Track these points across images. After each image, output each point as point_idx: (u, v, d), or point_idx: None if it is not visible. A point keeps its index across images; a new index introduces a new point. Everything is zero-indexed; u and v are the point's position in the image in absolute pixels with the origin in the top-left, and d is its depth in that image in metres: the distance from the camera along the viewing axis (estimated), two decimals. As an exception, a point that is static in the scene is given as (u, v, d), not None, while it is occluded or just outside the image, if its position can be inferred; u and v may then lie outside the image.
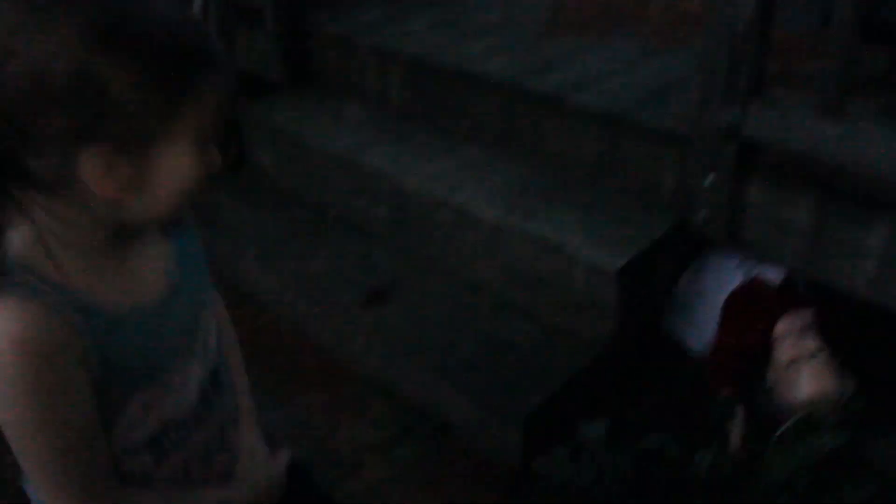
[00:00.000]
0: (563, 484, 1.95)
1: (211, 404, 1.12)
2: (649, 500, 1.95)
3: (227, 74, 0.92)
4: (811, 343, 2.16)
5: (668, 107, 2.37)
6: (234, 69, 0.96)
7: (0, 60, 0.80)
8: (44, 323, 0.88)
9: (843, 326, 2.29)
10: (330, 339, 2.44)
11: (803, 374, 2.13)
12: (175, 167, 0.90)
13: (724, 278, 2.39)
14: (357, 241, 2.64)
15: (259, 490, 1.21)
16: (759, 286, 2.33)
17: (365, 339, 2.32)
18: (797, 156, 2.05)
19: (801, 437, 2.01)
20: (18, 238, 0.91)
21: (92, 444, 0.97)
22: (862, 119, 1.92)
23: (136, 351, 0.98)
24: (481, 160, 2.58)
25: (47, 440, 0.93)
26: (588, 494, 1.94)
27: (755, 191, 2.15)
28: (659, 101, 2.41)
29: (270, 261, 2.60)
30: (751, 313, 2.31)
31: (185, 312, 1.08)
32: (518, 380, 2.09)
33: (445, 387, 2.15)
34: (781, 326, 2.24)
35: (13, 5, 0.81)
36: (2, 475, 2.22)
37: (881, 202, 1.98)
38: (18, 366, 0.88)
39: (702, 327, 2.39)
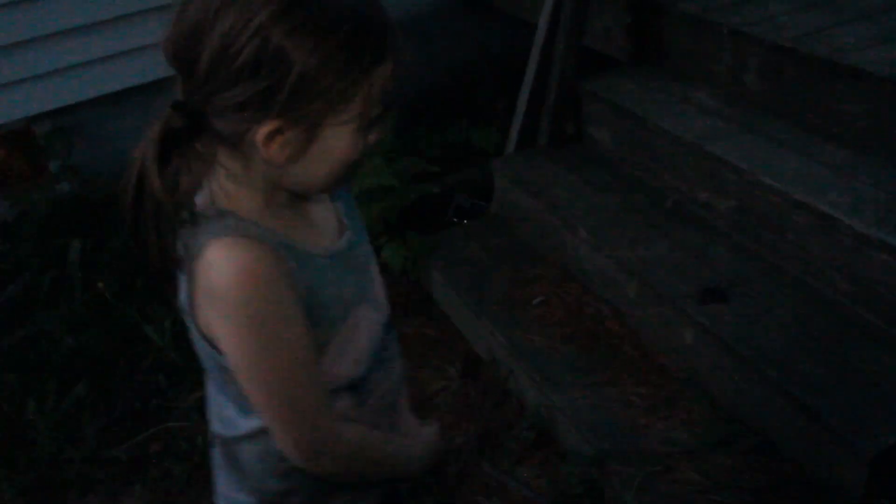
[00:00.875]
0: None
1: (391, 353, 1.19)
2: None
3: (400, 57, 0.96)
4: None
5: None
6: (407, 53, 0.97)
7: (200, 35, 0.88)
8: (264, 255, 0.96)
9: None
10: (655, 331, 2.36)
11: None
12: (339, 143, 0.96)
13: None
14: (696, 234, 2.52)
15: (418, 452, 1.26)
16: None
17: (694, 338, 2.22)
18: None
19: None
20: (215, 188, 0.99)
21: (313, 375, 1.04)
22: None
23: (330, 288, 1.05)
24: (847, 162, 2.35)
25: (276, 367, 1.00)
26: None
27: None
28: None
29: (601, 241, 2.56)
30: None
31: (361, 261, 1.15)
32: (870, 413, 1.89)
33: (781, 403, 1.99)
34: None
35: None
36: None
37: None
38: (249, 295, 0.95)
39: None
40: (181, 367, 2.65)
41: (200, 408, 1.43)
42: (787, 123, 2.57)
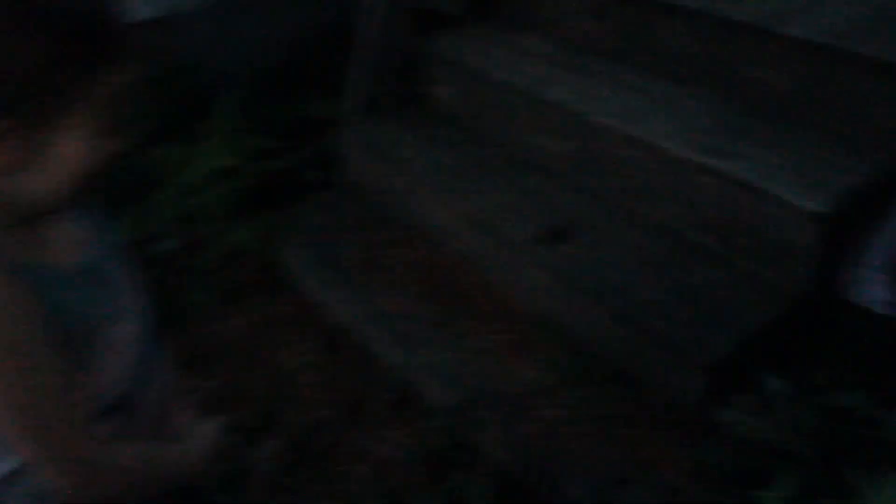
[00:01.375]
0: (745, 435, 1.83)
1: (156, 364, 1.17)
2: (836, 458, 1.80)
3: (132, 64, 0.91)
4: None
5: (883, 37, 2.13)
6: (140, 58, 0.94)
7: None
8: None
9: None
10: (504, 276, 2.39)
11: None
12: (72, 151, 0.90)
13: None
14: (537, 179, 2.55)
15: (196, 452, 1.23)
16: None
17: (540, 278, 2.25)
18: None
19: None
20: None
21: (68, 399, 0.97)
22: None
23: (78, 306, 0.98)
24: (673, 95, 2.43)
25: (25, 397, 0.93)
26: (770, 447, 1.82)
27: None
28: (871, 32, 2.17)
29: (445, 196, 2.56)
30: None
31: (113, 275, 1.10)
32: (703, 327, 1.96)
33: (624, 330, 2.05)
34: None
35: None
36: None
37: None
38: None
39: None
40: None
41: None
42: (617, 63, 2.64)
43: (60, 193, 0.95)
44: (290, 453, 2.22)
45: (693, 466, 1.88)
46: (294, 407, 2.38)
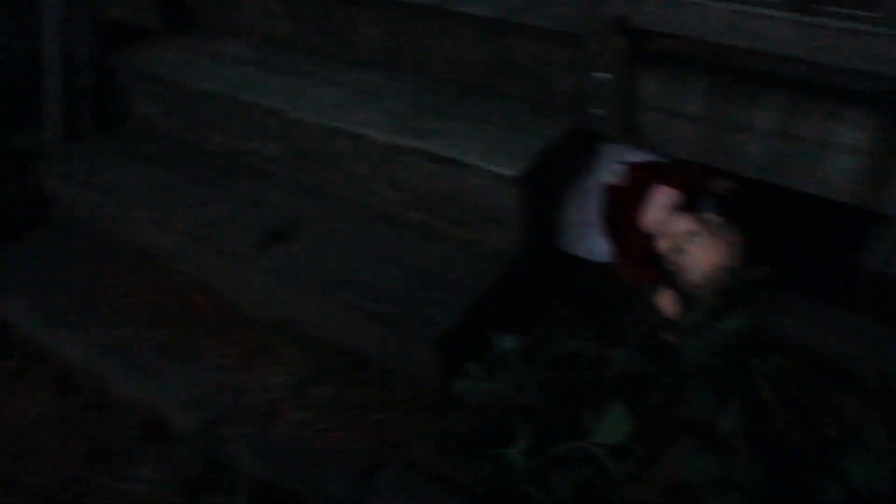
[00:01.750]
0: (482, 399, 1.92)
1: None
2: (569, 403, 1.93)
3: None
4: (687, 223, 2.15)
5: (555, 6, 2.29)
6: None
7: None
8: None
9: (740, 202, 2.30)
10: (233, 287, 2.34)
11: (691, 255, 2.12)
12: None
13: (601, 173, 2.35)
14: (252, 184, 2.52)
15: None
16: (636, 174, 2.30)
17: (267, 283, 2.23)
18: (687, 40, 1.99)
19: (708, 323, 2.01)
20: None
21: None
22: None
23: None
24: (371, 83, 2.48)
25: None
26: (508, 406, 1.91)
27: (648, 82, 2.10)
28: (544, 2, 2.32)
29: (161, 216, 2.46)
30: (631, 204, 2.29)
31: None
32: (429, 302, 2.02)
33: (356, 319, 2.07)
34: (652, 216, 2.23)
35: None
36: None
37: (770, 80, 1.94)
38: None
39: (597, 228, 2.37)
40: None
41: None
42: (314, 57, 2.66)
43: None
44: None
45: (440, 440, 1.94)
46: (33, 465, 2.21)
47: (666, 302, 2.18)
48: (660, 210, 2.23)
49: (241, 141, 2.57)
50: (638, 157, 2.32)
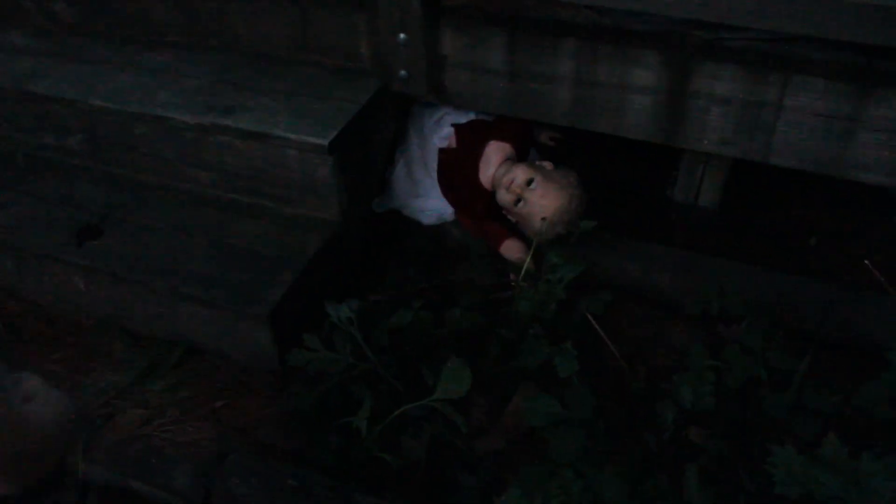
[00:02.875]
0: (320, 370, 1.93)
1: None
2: (410, 364, 1.98)
3: None
4: (522, 173, 2.23)
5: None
6: None
7: None
8: None
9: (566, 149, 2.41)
10: (52, 292, 2.22)
11: (530, 202, 2.21)
12: None
13: (427, 135, 2.40)
14: (56, 180, 2.39)
15: None
16: (464, 135, 2.37)
17: (86, 282, 2.14)
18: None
19: (543, 275, 2.10)
20: None
21: None
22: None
23: None
24: (171, 64, 2.39)
25: None
26: (350, 375, 1.93)
27: (448, 40, 2.14)
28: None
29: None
30: (465, 164, 2.35)
31: None
32: (255, 280, 2.01)
33: (184, 307, 2.03)
34: (488, 172, 2.31)
35: None
36: None
37: (565, 28, 2.02)
38: None
39: (426, 189, 2.42)
40: None
41: None
42: (106, 43, 2.54)
43: None
44: None
45: (285, 418, 1.94)
46: None
47: (512, 251, 2.26)
48: (494, 164, 2.29)
49: (39, 136, 2.43)
50: (463, 117, 2.37)
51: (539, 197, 2.19)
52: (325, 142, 2.04)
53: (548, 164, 2.28)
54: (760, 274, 2.17)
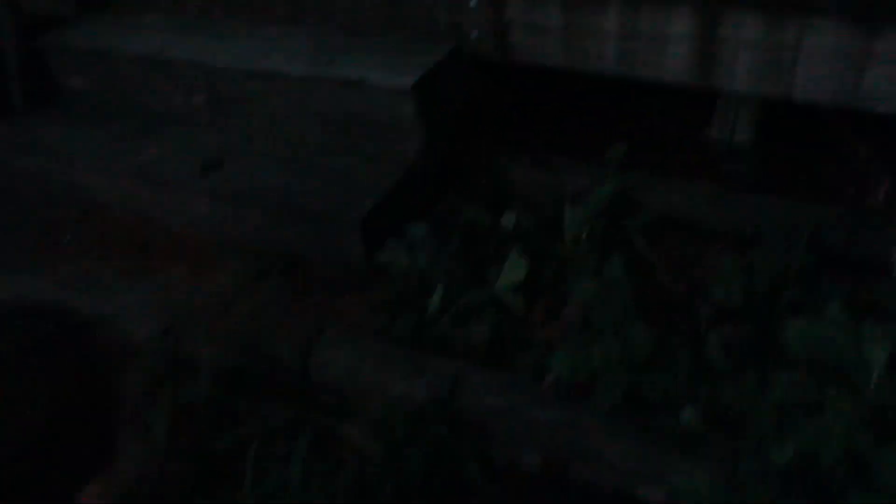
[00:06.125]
0: (404, 269, 2.29)
1: None
2: (478, 265, 2.32)
3: None
4: None
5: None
6: None
7: None
8: None
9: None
10: (175, 214, 2.65)
11: None
12: None
13: None
14: (182, 131, 2.86)
15: None
16: None
17: (209, 205, 2.56)
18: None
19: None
20: None
21: None
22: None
23: None
24: (278, 35, 2.86)
25: None
26: (426, 276, 2.29)
27: (512, 2, 2.52)
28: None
29: (104, 166, 2.77)
30: None
31: None
32: (349, 198, 2.40)
33: (289, 221, 2.43)
34: None
35: None
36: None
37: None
38: None
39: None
40: None
41: None
42: (224, 21, 3.02)
43: None
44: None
45: (371, 304, 2.30)
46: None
47: None
48: None
49: (169, 95, 2.90)
50: None
51: None
52: (409, 85, 2.43)
53: None
54: (790, 204, 2.44)
